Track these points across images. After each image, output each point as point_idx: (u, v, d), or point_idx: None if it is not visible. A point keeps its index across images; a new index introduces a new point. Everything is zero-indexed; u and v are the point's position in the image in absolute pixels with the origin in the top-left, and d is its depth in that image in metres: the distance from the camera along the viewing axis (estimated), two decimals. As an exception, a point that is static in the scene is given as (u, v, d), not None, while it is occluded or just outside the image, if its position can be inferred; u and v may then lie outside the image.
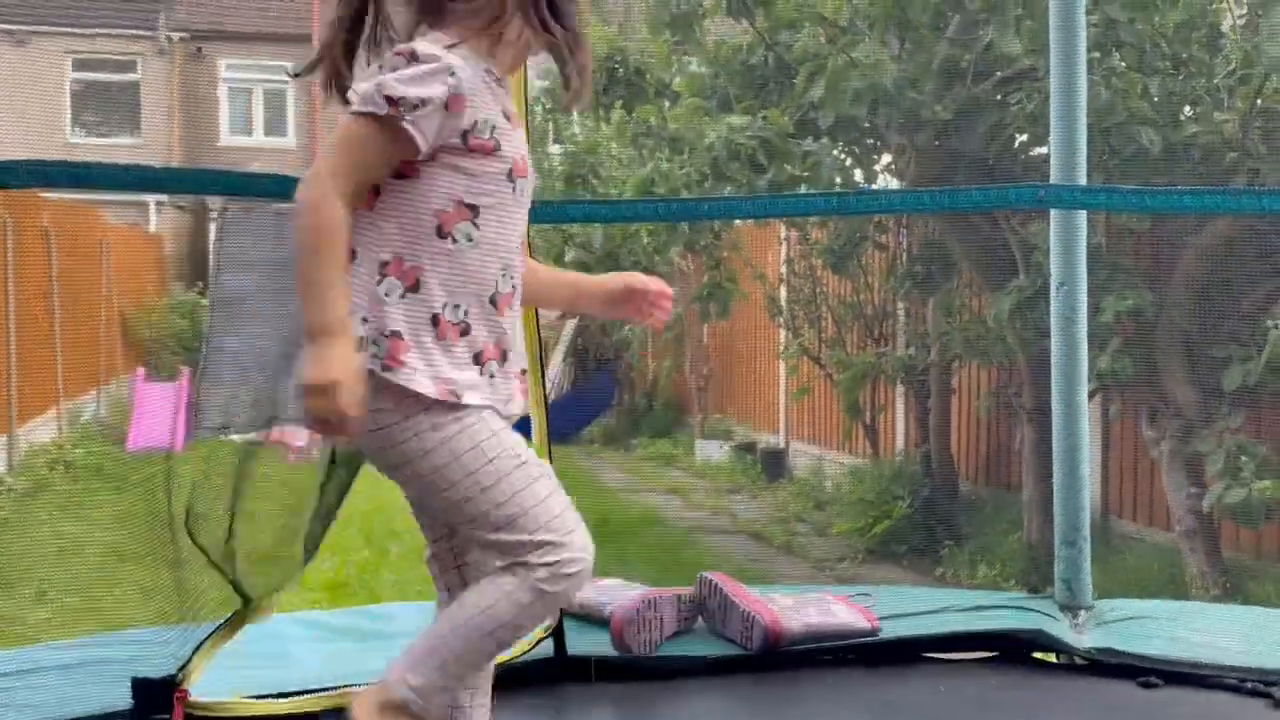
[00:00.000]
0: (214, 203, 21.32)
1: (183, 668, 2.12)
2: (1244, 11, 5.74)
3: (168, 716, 2.07)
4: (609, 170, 8.37)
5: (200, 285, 20.00)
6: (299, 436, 2.76)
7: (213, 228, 20.92)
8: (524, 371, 1.88)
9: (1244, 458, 5.83)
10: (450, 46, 1.64)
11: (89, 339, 13.46)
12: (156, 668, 2.14)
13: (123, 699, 2.10)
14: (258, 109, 23.07)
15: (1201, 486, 6.06)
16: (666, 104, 8.16)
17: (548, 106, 9.15)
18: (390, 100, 1.54)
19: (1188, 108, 5.91)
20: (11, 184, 2.87)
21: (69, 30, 22.19)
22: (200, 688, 2.14)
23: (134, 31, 22.29)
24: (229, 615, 2.32)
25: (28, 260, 10.67)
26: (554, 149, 9.23)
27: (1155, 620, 2.72)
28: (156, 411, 12.64)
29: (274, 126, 22.98)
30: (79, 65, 22.31)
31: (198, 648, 2.18)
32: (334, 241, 1.58)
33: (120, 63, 22.42)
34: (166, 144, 21.72)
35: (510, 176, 1.73)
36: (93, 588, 6.76)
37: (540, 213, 2.53)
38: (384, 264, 1.64)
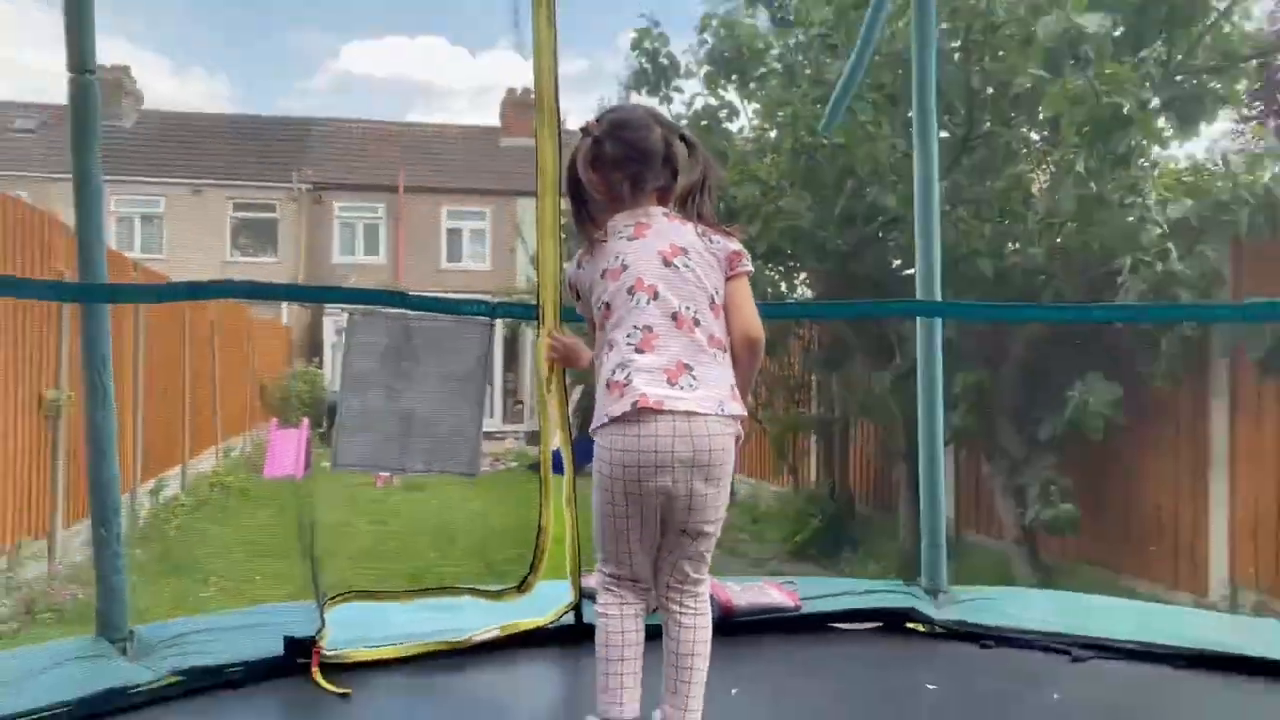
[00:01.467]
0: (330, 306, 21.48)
1: (319, 631, 2.13)
2: (1047, 178, 5.85)
3: (308, 662, 2.09)
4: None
5: (316, 360, 20.04)
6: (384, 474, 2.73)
7: (327, 321, 21.01)
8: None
9: (1053, 487, 5.87)
10: None
11: (238, 398, 13.59)
12: (297, 631, 2.15)
13: (276, 651, 2.12)
14: (359, 237, 23.22)
15: (1024, 508, 6.08)
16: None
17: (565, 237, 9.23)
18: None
19: (1010, 244, 5.99)
20: (189, 297, 2.90)
21: (231, 184, 22.48)
22: (329, 644, 2.16)
23: (275, 184, 22.56)
24: (342, 592, 2.32)
25: (198, 343, 10.77)
26: (569, 267, 9.23)
27: (992, 601, 2.71)
28: (285, 449, 12.66)
29: (369, 249, 23.10)
30: (237, 207, 22.58)
31: (325, 618, 2.19)
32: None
33: (265, 205, 22.67)
34: (295, 260, 21.85)
35: None
36: (241, 574, 6.75)
37: (569, 315, 2.53)
38: None
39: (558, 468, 2.47)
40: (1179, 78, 5.37)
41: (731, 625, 2.44)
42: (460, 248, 23.41)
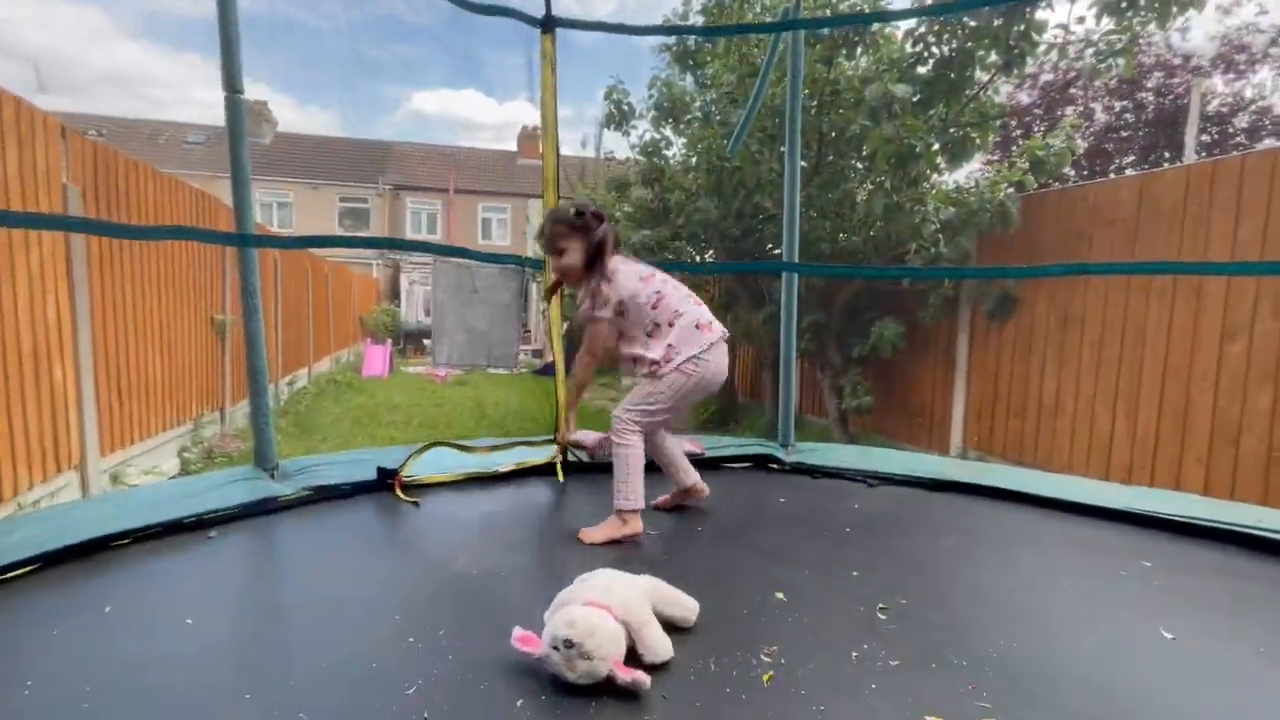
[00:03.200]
0: (404, 263, 20.74)
1: (401, 466, 2.12)
2: (865, 193, 5.84)
3: (393, 484, 2.08)
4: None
5: (395, 301, 19.55)
6: (441, 371, 2.69)
7: (403, 277, 20.38)
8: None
9: (858, 386, 6.00)
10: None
11: (344, 325, 13.17)
12: (386, 465, 2.14)
13: (371, 477, 2.11)
14: (424, 223, 22.50)
15: (840, 399, 6.22)
16: (613, 224, 8.11)
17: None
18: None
19: (841, 235, 6.01)
20: (308, 247, 2.78)
21: (336, 184, 21.48)
22: (409, 474, 2.15)
23: (367, 185, 21.63)
24: (421, 445, 2.31)
25: (317, 287, 10.41)
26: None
27: (819, 451, 2.74)
28: (375, 358, 12.36)
29: (430, 230, 22.45)
30: (341, 199, 21.60)
31: (406, 459, 2.18)
32: None
33: (360, 199, 21.75)
34: (381, 234, 21.18)
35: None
36: (347, 436, 6.65)
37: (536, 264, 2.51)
38: None
39: (549, 372, 2.47)
40: (952, 129, 5.35)
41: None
42: (491, 231, 22.87)
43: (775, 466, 2.54)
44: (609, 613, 1.07)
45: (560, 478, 2.33)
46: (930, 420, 6.10)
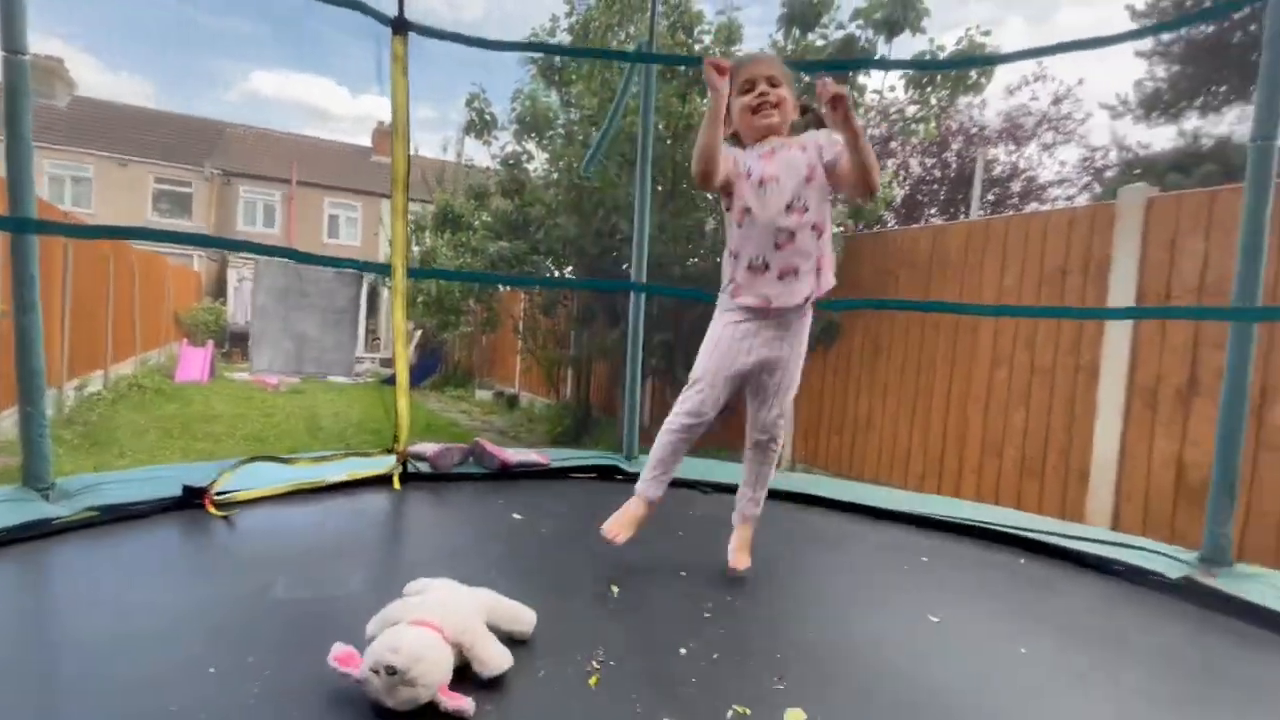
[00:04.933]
0: (234, 256, 18.71)
1: (211, 483, 1.91)
2: (714, 222, 6.18)
3: (201, 503, 1.87)
4: (442, 260, 8.04)
5: (221, 300, 17.58)
6: (271, 378, 2.48)
7: (230, 272, 18.39)
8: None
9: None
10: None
11: (155, 323, 11.59)
12: (195, 482, 1.93)
13: (175, 493, 1.89)
14: (259, 214, 20.47)
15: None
16: (471, 233, 7.94)
17: (413, 228, 8.68)
18: None
19: (689, 259, 6.30)
20: (109, 238, 2.47)
21: (153, 162, 18.93)
22: (222, 490, 1.94)
23: (190, 167, 19.30)
24: (237, 460, 2.11)
25: (121, 281, 9.08)
26: (415, 249, 8.73)
27: None
28: (193, 362, 11.01)
29: (267, 223, 20.45)
30: (158, 180, 19.06)
31: (219, 475, 1.98)
32: None
33: (182, 181, 19.32)
34: (206, 226, 18.90)
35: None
36: (153, 449, 5.85)
37: (413, 273, 2.42)
38: None
39: (411, 381, 2.36)
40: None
41: (510, 475, 2.47)
42: (339, 230, 21.26)
43: (620, 477, 2.60)
44: (440, 634, 1.03)
45: (397, 487, 2.22)
46: (766, 435, 6.51)
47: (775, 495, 2.42)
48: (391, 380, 2.45)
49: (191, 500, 1.87)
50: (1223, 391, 1.97)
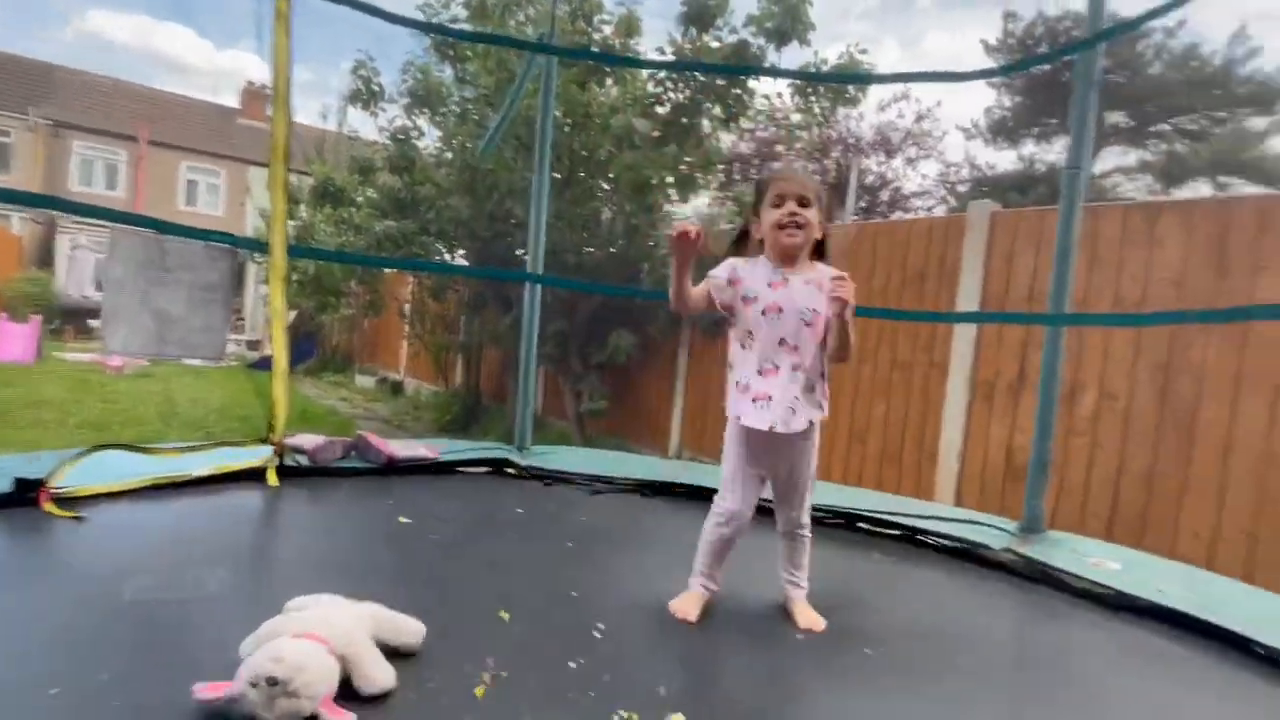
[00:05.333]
0: (64, 220, 16.45)
1: (50, 474, 1.70)
2: (610, 212, 6.19)
3: (35, 499, 1.66)
4: (321, 238, 7.52)
5: (49, 268, 15.44)
6: (115, 360, 2.23)
7: (61, 237, 16.17)
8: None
9: (595, 391, 6.34)
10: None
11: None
12: (29, 474, 1.70)
13: (3, 489, 1.66)
14: (99, 173, 18.10)
15: (579, 402, 6.51)
16: (354, 210, 7.47)
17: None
18: None
19: (585, 248, 6.29)
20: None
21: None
22: (63, 485, 1.73)
23: (10, 114, 16.70)
24: (81, 449, 1.89)
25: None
26: (291, 224, 8.08)
27: (553, 454, 2.85)
28: (14, 340, 9.59)
29: (110, 185, 18.14)
30: (-34, 126, 16.31)
31: (58, 466, 1.76)
32: None
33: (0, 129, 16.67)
34: (29, 183, 16.41)
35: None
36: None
37: (294, 252, 2.24)
38: None
39: (265, 366, 2.21)
40: (682, 167, 5.97)
41: (395, 470, 2.38)
42: (198, 196, 19.22)
43: (511, 471, 2.56)
44: (326, 646, 0.99)
45: (273, 483, 2.08)
46: (653, 423, 6.68)
47: (659, 488, 2.46)
48: (260, 365, 2.26)
49: (24, 495, 1.66)
50: (1040, 385, 2.27)
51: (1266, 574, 3.05)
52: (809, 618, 1.47)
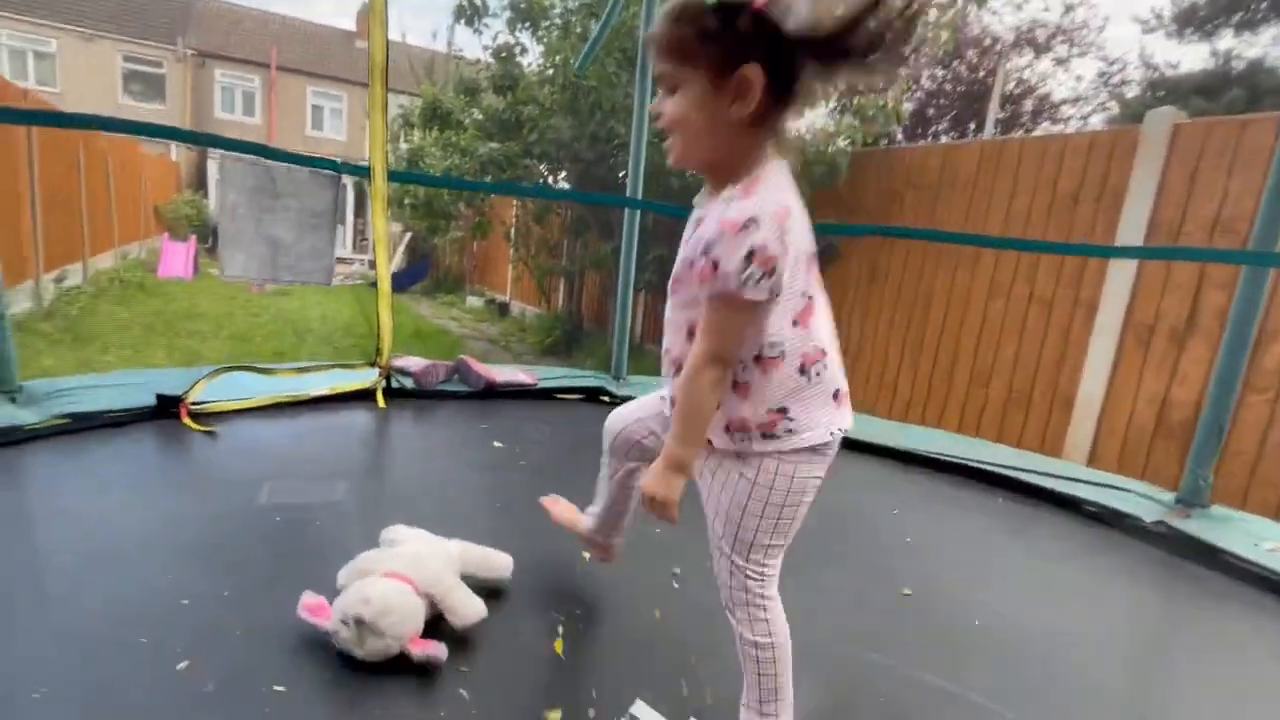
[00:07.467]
0: (214, 150, 17.94)
1: (186, 392, 1.85)
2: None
3: (176, 412, 1.82)
4: (429, 161, 7.67)
5: (202, 191, 16.95)
6: (260, 282, 2.36)
7: (210, 163, 17.62)
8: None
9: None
10: None
11: (131, 216, 11.19)
12: (170, 390, 1.86)
13: (149, 402, 1.83)
14: (239, 101, 19.31)
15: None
16: (461, 132, 7.54)
17: (400, 123, 8.22)
18: None
19: (689, 172, 6.03)
20: (79, 126, 2.28)
21: (121, 38, 17.60)
22: (198, 400, 1.88)
23: (162, 45, 17.97)
24: (212, 369, 2.03)
25: (94, 171, 8.65)
26: (403, 146, 8.30)
27: (649, 386, 2.79)
28: (176, 257, 10.73)
29: (247, 111, 19.34)
30: (126, 59, 17.76)
31: (194, 384, 1.91)
32: None
33: (153, 61, 18.03)
34: (181, 111, 17.84)
35: None
36: (138, 346, 5.75)
37: (394, 176, 2.27)
38: None
39: (400, 286, 2.26)
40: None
41: (492, 394, 2.42)
42: (323, 121, 20.15)
43: (606, 399, 2.56)
44: (411, 586, 1.01)
45: (381, 404, 2.17)
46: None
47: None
48: (398, 279, 2.32)
49: (166, 410, 1.81)
50: (1225, 335, 1.92)
51: None
52: None
